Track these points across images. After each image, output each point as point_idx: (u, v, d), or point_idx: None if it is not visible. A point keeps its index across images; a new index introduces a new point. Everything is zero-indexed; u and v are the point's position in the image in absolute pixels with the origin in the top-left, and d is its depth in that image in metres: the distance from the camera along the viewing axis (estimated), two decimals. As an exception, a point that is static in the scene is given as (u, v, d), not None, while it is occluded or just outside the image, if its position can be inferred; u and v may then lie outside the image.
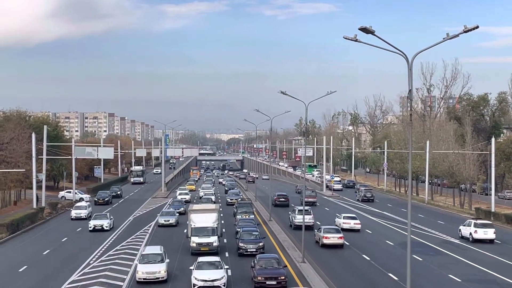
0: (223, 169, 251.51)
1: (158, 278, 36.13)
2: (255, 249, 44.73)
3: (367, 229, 62.21)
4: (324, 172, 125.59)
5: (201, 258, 37.27)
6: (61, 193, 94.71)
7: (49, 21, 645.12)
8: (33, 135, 76.30)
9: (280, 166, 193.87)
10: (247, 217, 60.59)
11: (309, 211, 60.90)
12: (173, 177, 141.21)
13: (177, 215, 64.65)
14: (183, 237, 52.53)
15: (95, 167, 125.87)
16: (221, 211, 53.14)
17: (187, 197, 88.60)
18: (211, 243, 45.00)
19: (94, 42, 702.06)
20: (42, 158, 79.70)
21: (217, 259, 37.10)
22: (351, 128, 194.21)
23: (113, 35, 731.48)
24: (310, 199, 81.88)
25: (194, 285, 34.26)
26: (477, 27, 24.66)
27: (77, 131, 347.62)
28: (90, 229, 57.62)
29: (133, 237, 54.83)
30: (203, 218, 47.68)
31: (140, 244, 50.54)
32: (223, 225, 54.82)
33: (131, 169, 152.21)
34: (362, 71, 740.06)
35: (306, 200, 69.94)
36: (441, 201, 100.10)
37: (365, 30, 24.58)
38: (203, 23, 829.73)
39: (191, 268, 36.19)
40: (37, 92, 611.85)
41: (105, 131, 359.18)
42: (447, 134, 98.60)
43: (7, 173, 72.07)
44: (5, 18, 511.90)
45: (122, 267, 40.95)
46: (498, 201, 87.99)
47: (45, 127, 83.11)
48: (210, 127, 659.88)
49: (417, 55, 25.65)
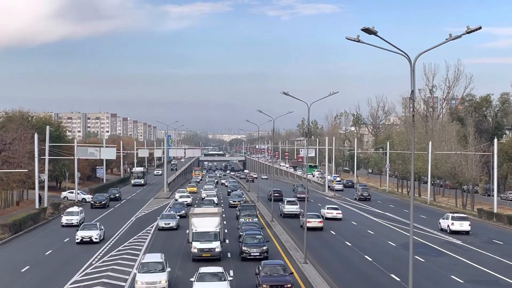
0: (225, 170, 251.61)
1: None
2: (258, 253, 43.41)
3: (369, 230, 62.23)
4: (326, 172, 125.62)
5: (203, 268, 34.43)
6: (63, 194, 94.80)
7: (52, 22, 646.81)
8: (36, 136, 76.35)
9: (281, 166, 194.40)
10: (250, 220, 58.62)
11: (296, 202, 74.21)
12: (175, 178, 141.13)
13: (178, 218, 62.69)
14: (184, 241, 49.49)
15: (98, 167, 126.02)
16: (223, 215, 50.26)
17: (189, 200, 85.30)
18: (214, 249, 42.99)
19: (97, 42, 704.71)
20: (44, 158, 79.70)
21: (220, 269, 34.21)
22: (353, 128, 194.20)
23: (116, 36, 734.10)
24: (302, 195, 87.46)
25: None
26: (480, 28, 24.63)
27: (79, 131, 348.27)
28: (77, 241, 51.01)
29: (131, 240, 53.31)
30: (205, 222, 45.55)
31: (139, 249, 48.60)
32: (225, 228, 52.92)
33: (131, 170, 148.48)
34: (364, 72, 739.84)
35: (298, 196, 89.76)
36: (443, 202, 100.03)
37: (367, 31, 24.57)
38: (206, 23, 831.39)
39: (192, 279, 33.37)
40: (39, 92, 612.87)
41: (108, 131, 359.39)
42: (449, 135, 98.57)
43: (9, 173, 72.07)
44: (8, 18, 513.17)
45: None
46: (500, 202, 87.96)
47: (47, 127, 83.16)
48: (212, 128, 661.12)
49: (419, 56, 25.65)
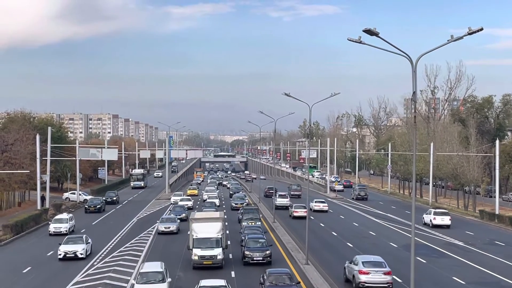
0: (227, 171, 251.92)
1: None
2: (261, 258, 42.03)
3: (370, 231, 62.24)
4: (328, 174, 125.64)
5: (204, 281, 31.77)
6: (66, 195, 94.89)
7: (54, 23, 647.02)
8: (37, 137, 76.44)
9: (282, 167, 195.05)
10: (253, 224, 56.58)
11: (286, 195, 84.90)
12: (177, 179, 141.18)
13: (178, 221, 60.54)
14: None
15: (99, 168, 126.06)
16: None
17: (190, 203, 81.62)
18: (215, 256, 40.78)
19: (98, 43, 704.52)
20: (46, 159, 79.83)
21: (222, 282, 31.60)
22: (355, 130, 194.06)
23: (118, 37, 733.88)
24: (296, 192, 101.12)
25: None
26: (481, 29, 24.63)
27: (81, 132, 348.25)
28: (59, 257, 44.86)
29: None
30: (206, 227, 42.96)
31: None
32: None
33: (131, 172, 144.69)
34: (366, 73, 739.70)
35: (292, 193, 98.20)
36: (445, 203, 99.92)
37: (369, 32, 24.58)
38: (208, 24, 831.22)
39: None
40: (41, 93, 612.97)
41: (109, 132, 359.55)
42: (451, 136, 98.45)
43: (11, 174, 72.10)
44: (10, 19, 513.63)
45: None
46: (502, 203, 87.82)
47: (49, 128, 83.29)
48: (214, 129, 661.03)
49: (421, 57, 25.67)
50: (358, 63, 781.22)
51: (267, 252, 42.62)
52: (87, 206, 79.28)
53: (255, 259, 42.07)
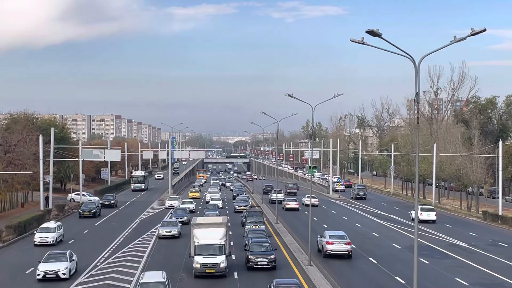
0: (229, 172, 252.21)
1: None
2: (266, 262, 40.69)
3: (373, 232, 62.20)
4: (331, 175, 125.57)
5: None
6: (70, 195, 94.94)
7: (57, 24, 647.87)
8: (40, 137, 76.53)
9: (284, 168, 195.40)
10: (257, 227, 54.94)
11: (281, 191, 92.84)
12: (179, 180, 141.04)
13: (180, 225, 58.57)
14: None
15: (102, 169, 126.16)
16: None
17: (192, 206, 79.22)
18: (218, 264, 38.74)
19: (101, 44, 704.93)
20: (49, 160, 79.90)
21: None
22: (358, 131, 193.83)
23: (121, 38, 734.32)
24: (291, 190, 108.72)
25: None
26: (484, 30, 24.62)
27: (84, 133, 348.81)
28: (38, 277, 38.44)
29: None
30: (209, 233, 40.90)
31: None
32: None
33: (131, 174, 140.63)
34: (369, 74, 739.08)
35: (288, 191, 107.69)
36: (448, 204, 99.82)
37: (372, 33, 24.56)
38: (211, 25, 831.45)
39: None
40: (44, 94, 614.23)
41: (112, 133, 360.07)
42: (454, 137, 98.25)
43: (14, 175, 72.12)
44: (13, 20, 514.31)
45: None
46: (505, 204, 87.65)
47: (52, 129, 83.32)
48: (216, 130, 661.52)
49: (424, 58, 25.61)
50: (361, 64, 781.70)
51: (272, 256, 41.24)
52: (81, 210, 74.07)
53: (259, 264, 40.74)
